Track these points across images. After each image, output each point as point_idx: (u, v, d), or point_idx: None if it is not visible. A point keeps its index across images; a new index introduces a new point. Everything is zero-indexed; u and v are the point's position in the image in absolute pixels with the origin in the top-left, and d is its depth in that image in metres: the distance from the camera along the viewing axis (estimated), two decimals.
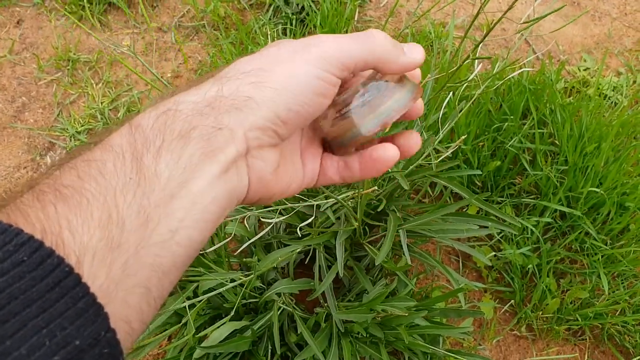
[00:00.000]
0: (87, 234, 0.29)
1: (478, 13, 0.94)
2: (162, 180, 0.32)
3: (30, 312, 0.25)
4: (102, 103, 1.96)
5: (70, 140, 1.87)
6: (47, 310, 0.26)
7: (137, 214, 0.31)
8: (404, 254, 1.29)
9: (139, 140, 0.33)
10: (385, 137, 0.45)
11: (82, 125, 1.90)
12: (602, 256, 1.50)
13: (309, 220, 1.24)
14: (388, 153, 0.42)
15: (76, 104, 1.96)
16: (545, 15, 0.88)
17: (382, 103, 0.41)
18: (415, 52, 0.41)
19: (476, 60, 1.57)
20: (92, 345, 0.27)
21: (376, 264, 1.23)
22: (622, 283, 1.51)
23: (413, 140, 0.44)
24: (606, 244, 1.53)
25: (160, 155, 0.32)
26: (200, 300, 1.25)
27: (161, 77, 2.04)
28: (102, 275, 0.28)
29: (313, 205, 1.29)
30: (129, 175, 0.31)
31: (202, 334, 1.23)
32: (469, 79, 1.22)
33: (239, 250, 1.31)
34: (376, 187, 1.31)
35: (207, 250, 1.31)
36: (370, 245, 1.32)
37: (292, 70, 0.37)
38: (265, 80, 0.36)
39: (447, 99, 1.39)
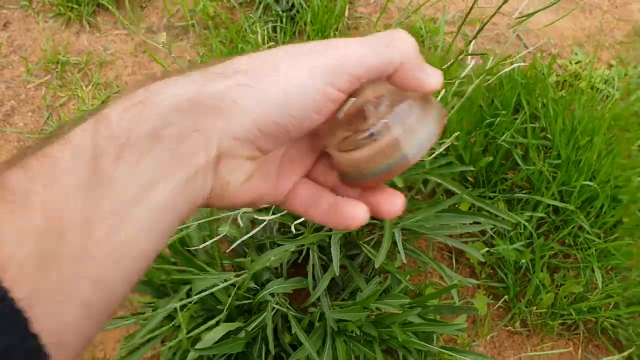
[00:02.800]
0: (18, 244, 0.26)
1: (471, 8, 0.93)
2: (118, 187, 0.29)
3: None
4: (92, 105, 1.95)
5: None
6: None
7: (83, 224, 0.28)
8: (398, 252, 1.29)
9: (102, 137, 0.29)
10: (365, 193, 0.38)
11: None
12: (595, 250, 1.50)
13: (302, 219, 1.23)
14: (356, 212, 0.36)
15: (66, 107, 1.95)
16: (538, 11, 0.87)
17: (424, 126, 0.34)
18: (436, 75, 0.35)
19: (469, 56, 1.57)
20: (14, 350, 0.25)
21: (376, 267, 1.23)
22: (616, 277, 1.51)
23: (395, 203, 0.37)
24: (600, 238, 1.53)
25: (121, 157, 0.29)
26: (193, 302, 1.25)
27: (150, 78, 2.03)
28: (27, 288, 0.26)
29: None
30: (82, 180, 0.28)
31: (194, 333, 1.22)
32: (462, 76, 1.21)
33: (230, 249, 1.31)
34: None
35: (198, 247, 1.31)
36: (366, 246, 1.32)
37: (290, 79, 0.32)
38: (256, 84, 0.32)
39: (440, 96, 1.38)
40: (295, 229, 1.35)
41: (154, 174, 0.30)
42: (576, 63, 2.01)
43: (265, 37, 2.02)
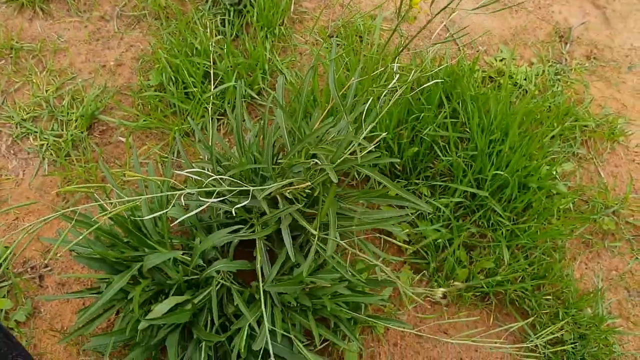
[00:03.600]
0: None
1: (401, 4, 1.08)
2: None
3: None
4: (47, 91, 2.03)
5: (17, 127, 1.94)
6: None
7: None
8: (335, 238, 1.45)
9: None
10: None
11: (27, 113, 1.97)
12: (506, 231, 1.71)
13: (244, 203, 1.38)
14: None
15: (21, 92, 2.02)
16: (474, 9, 1.03)
17: None
18: None
19: (395, 65, 1.73)
20: None
21: (327, 257, 1.39)
22: (524, 254, 1.72)
23: None
24: (511, 221, 1.73)
25: None
26: (144, 277, 1.38)
27: (103, 65, 2.12)
28: None
29: (249, 190, 1.43)
30: None
31: (146, 308, 1.36)
32: (389, 86, 1.37)
33: (173, 223, 1.44)
34: (309, 182, 1.46)
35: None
36: (311, 228, 1.46)
37: None
38: None
39: (369, 102, 1.55)
40: (239, 211, 1.50)
41: None
42: (501, 60, 2.21)
43: (214, 30, 2.13)
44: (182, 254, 1.44)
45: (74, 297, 1.41)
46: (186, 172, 1.67)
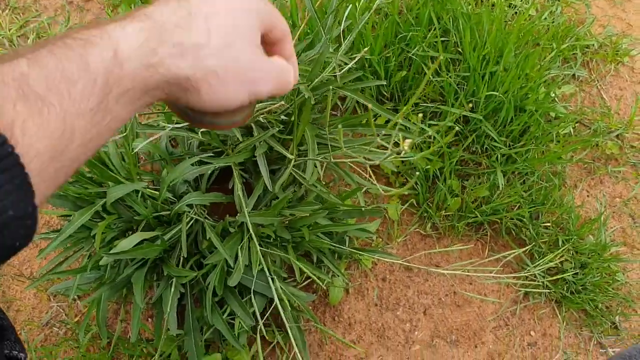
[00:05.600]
0: (37, 138, 0.34)
1: None
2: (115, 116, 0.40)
3: None
4: (9, 30, 1.90)
5: None
6: None
7: (86, 141, 0.38)
8: (315, 167, 1.34)
9: (114, 69, 0.38)
10: None
11: None
12: (502, 156, 1.59)
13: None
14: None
15: None
16: None
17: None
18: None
19: None
20: (19, 217, 0.33)
21: (309, 184, 1.29)
22: (520, 181, 1.61)
23: None
24: (507, 146, 1.61)
25: (120, 99, 0.39)
26: (109, 212, 1.29)
27: (70, 2, 1.99)
28: (38, 169, 0.34)
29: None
30: (91, 105, 0.37)
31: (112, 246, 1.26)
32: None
33: (135, 149, 1.33)
34: (283, 102, 1.34)
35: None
36: (295, 169, 1.36)
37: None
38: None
39: (347, 10, 1.41)
40: (214, 140, 1.39)
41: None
42: None
43: None
44: (152, 190, 1.33)
45: (34, 238, 1.32)
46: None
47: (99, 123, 0.38)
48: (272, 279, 1.30)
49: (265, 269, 1.27)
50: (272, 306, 1.38)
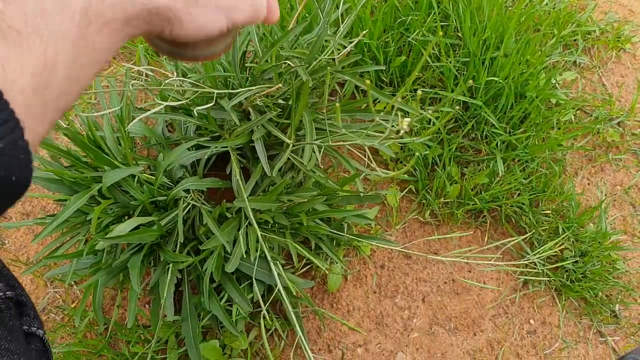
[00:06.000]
0: (19, 73, 0.34)
1: None
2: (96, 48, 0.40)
3: None
4: None
5: None
6: None
7: (73, 66, 0.38)
8: (313, 152, 1.32)
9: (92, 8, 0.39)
10: None
11: None
12: (502, 142, 1.58)
13: (209, 105, 1.25)
14: None
15: None
16: None
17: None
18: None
19: None
20: (10, 149, 0.33)
21: (306, 171, 1.28)
22: (520, 168, 1.59)
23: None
24: (507, 132, 1.60)
25: (101, 30, 0.40)
26: (105, 197, 1.27)
27: None
28: (23, 104, 0.34)
29: (214, 98, 1.31)
30: (73, 38, 0.38)
31: (108, 231, 1.25)
32: None
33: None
34: (281, 85, 1.33)
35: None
36: (293, 154, 1.35)
37: None
38: None
39: None
40: (210, 123, 1.38)
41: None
42: None
43: None
44: (146, 172, 1.32)
45: (30, 223, 1.30)
46: (147, 85, 1.53)
47: (82, 54, 0.39)
48: (275, 264, 1.29)
49: (267, 254, 1.26)
50: (271, 293, 1.37)
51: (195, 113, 1.25)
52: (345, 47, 1.37)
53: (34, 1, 0.36)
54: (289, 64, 1.30)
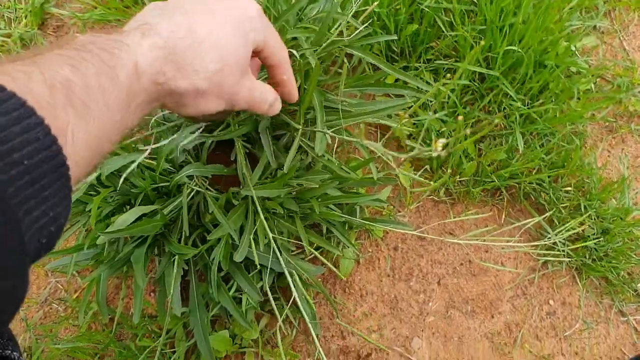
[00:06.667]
0: (83, 144, 0.37)
1: None
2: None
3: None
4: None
5: None
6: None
7: (113, 139, 0.44)
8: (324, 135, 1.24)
9: (133, 84, 0.45)
10: None
11: None
12: (520, 116, 1.49)
13: None
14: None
15: None
16: None
17: None
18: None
19: None
20: (57, 229, 0.37)
21: (318, 156, 1.20)
22: (540, 142, 1.51)
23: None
24: (525, 104, 1.51)
25: (136, 109, 0.47)
26: (104, 185, 1.20)
27: None
28: (77, 175, 0.38)
29: None
30: (121, 114, 0.43)
31: (109, 221, 1.18)
32: None
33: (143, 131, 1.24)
34: None
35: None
36: (304, 140, 1.27)
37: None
38: None
39: None
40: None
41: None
42: None
43: None
44: (149, 160, 1.24)
45: None
46: None
47: (120, 129, 0.43)
48: (284, 251, 1.23)
49: (273, 243, 1.19)
50: (281, 280, 1.32)
51: None
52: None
53: (93, 74, 0.39)
54: (294, 53, 1.20)
